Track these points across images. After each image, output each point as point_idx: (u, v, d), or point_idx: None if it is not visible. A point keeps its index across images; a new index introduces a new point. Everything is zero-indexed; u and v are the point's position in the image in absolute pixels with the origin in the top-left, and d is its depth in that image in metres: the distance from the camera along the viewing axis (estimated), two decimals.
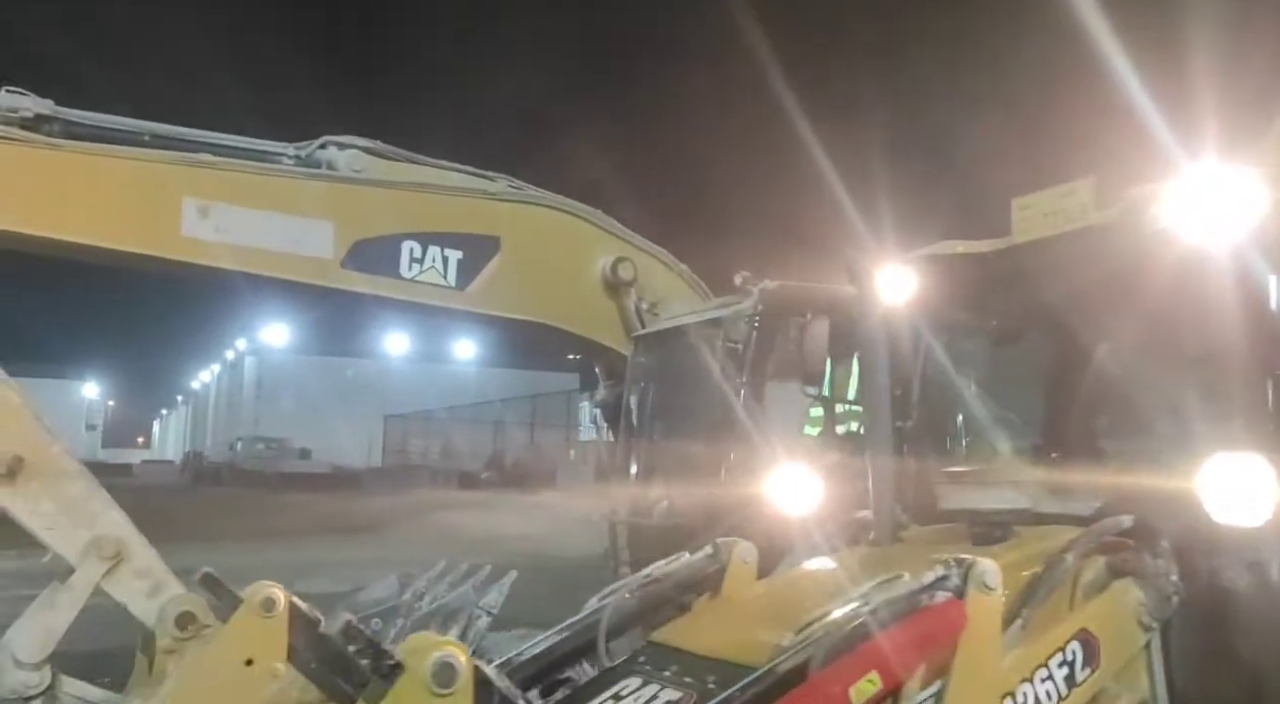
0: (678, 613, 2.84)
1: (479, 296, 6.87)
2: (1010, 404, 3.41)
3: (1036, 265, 3.06)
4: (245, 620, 2.44)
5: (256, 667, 2.44)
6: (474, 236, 6.83)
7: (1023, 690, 2.20)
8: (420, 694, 1.63)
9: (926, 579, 2.19)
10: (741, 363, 5.89)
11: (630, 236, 7.31)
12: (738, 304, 6.08)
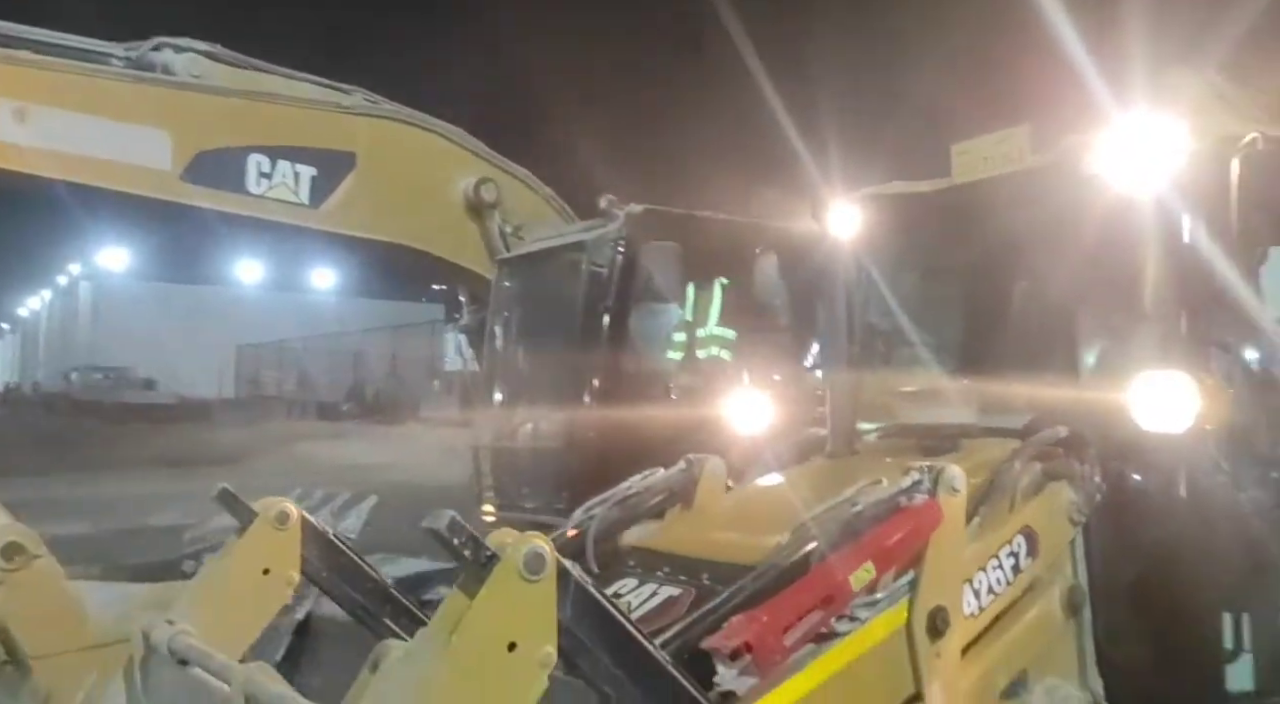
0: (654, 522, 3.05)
1: (334, 215, 6.71)
2: (953, 331, 3.75)
3: (974, 205, 3.36)
4: (261, 533, 2.50)
5: (273, 576, 2.50)
6: (327, 152, 6.62)
7: (979, 577, 2.52)
8: (513, 581, 1.76)
9: (905, 483, 2.46)
10: (606, 287, 5.94)
11: (494, 157, 7.21)
12: (603, 228, 6.11)
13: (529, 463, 6.40)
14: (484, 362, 7.30)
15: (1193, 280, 2.78)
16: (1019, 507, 2.64)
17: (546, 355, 6.62)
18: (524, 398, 6.75)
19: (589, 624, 1.86)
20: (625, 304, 6.03)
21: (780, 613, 2.19)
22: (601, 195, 6.33)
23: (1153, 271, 2.80)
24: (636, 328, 6.27)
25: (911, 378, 3.50)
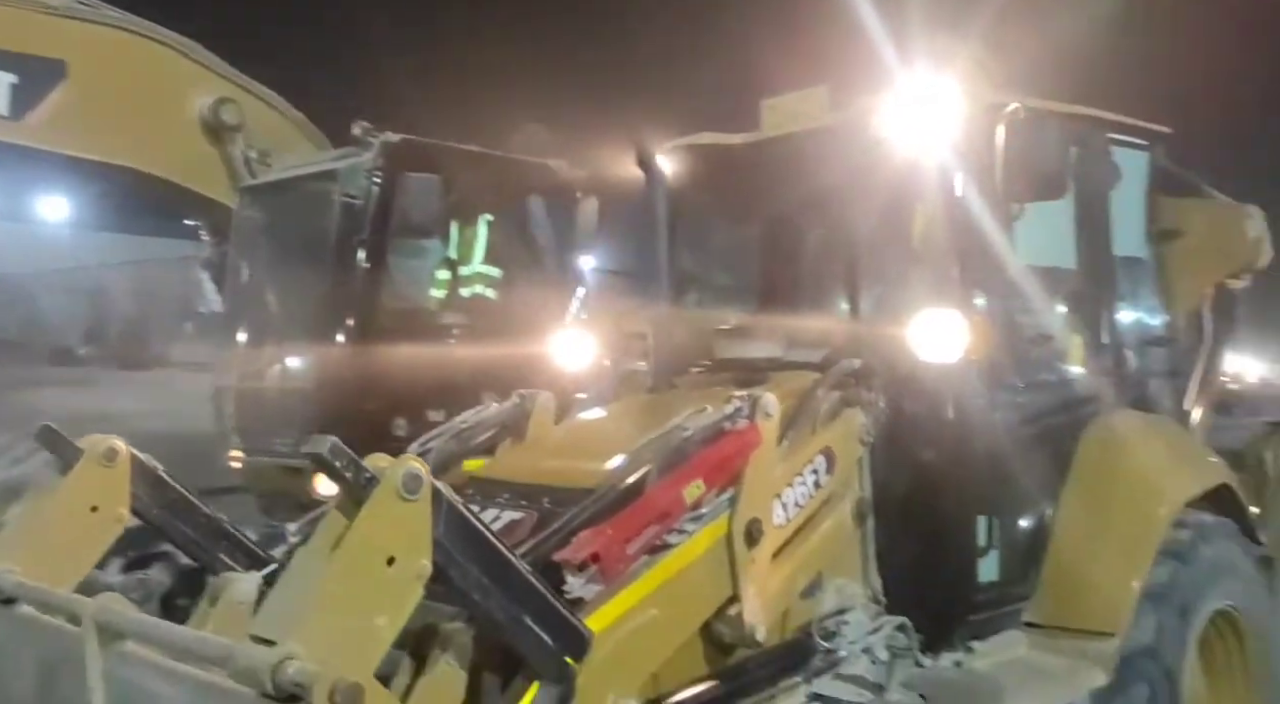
0: (486, 455, 3.18)
1: (40, 130, 6.12)
2: (761, 274, 4.07)
3: (779, 157, 3.67)
4: (87, 470, 2.41)
5: (101, 513, 2.42)
6: (32, 58, 6.04)
7: (786, 492, 2.84)
8: (392, 500, 1.85)
9: (727, 410, 2.73)
10: (360, 220, 5.67)
11: (236, 76, 6.64)
12: (356, 157, 5.80)
13: (277, 405, 5.96)
14: (226, 298, 6.83)
15: (962, 231, 3.21)
16: (819, 430, 2.98)
17: (295, 291, 6.19)
18: (271, 336, 6.29)
19: (459, 539, 1.98)
20: (382, 238, 5.71)
21: (623, 527, 2.40)
22: (356, 122, 5.92)
23: (929, 222, 3.21)
24: (394, 264, 5.99)
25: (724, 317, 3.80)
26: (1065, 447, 3.50)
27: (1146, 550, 3.36)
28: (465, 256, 6.19)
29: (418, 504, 1.89)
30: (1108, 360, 3.71)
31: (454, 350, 5.82)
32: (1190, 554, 3.44)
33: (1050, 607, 3.37)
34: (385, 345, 5.60)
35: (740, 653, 2.77)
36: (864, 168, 3.45)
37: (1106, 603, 3.29)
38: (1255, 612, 3.79)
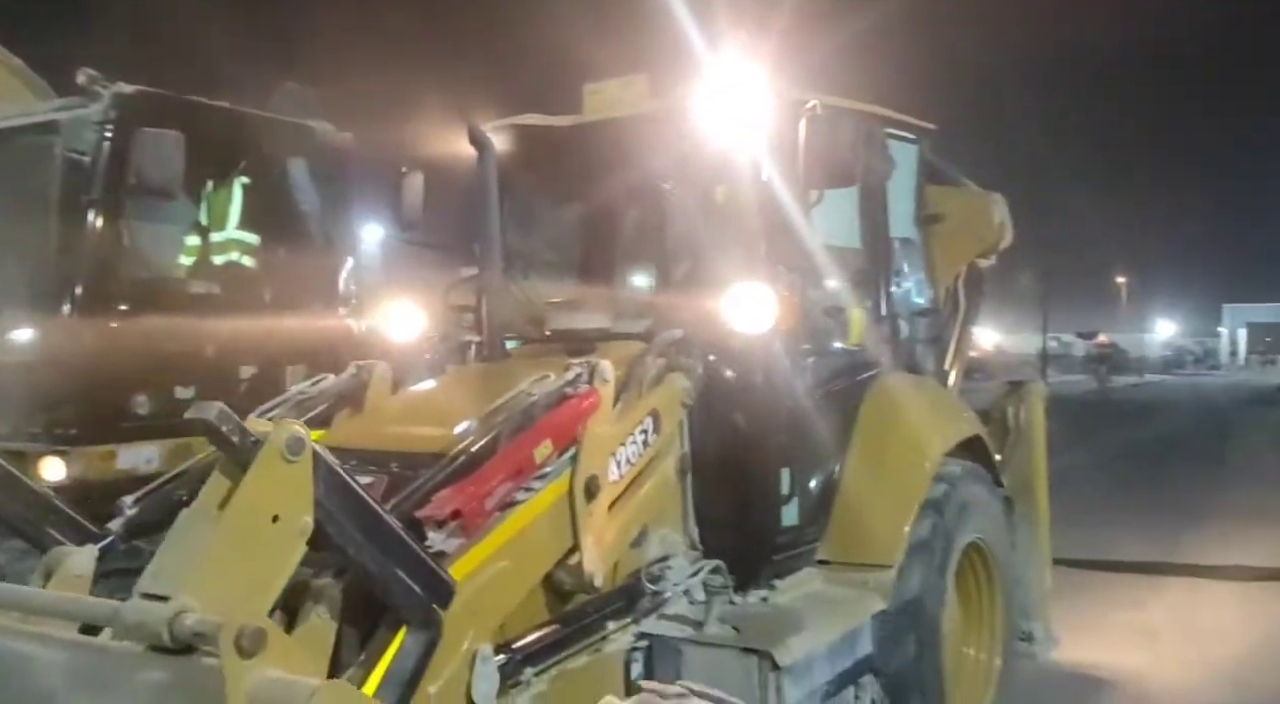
0: (322, 426, 3.24)
1: None
2: (588, 249, 4.29)
3: (602, 139, 3.91)
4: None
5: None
6: None
7: (620, 451, 3.12)
8: (276, 461, 1.94)
9: (569, 376, 2.97)
10: (89, 177, 5.21)
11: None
12: (83, 108, 5.32)
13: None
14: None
15: (769, 213, 3.59)
16: (646, 394, 3.27)
17: (13, 256, 5.59)
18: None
19: (337, 498, 2.11)
20: (115, 199, 5.23)
21: (480, 485, 2.60)
22: (81, 70, 5.28)
23: (739, 205, 3.57)
24: (134, 228, 5.54)
25: (555, 291, 4.01)
26: (851, 406, 3.99)
27: (916, 494, 3.91)
28: (218, 222, 5.87)
29: (300, 465, 2.01)
30: (886, 329, 4.24)
31: (205, 322, 5.51)
32: (949, 496, 4.03)
33: (838, 546, 3.86)
34: (122, 317, 5.24)
35: (578, 598, 3.03)
36: (680, 153, 3.76)
37: (884, 540, 3.81)
38: (999, 543, 4.48)
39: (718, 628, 3.31)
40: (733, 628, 3.33)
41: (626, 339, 3.61)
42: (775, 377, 3.59)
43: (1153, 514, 10.01)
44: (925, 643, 3.81)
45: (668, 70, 3.80)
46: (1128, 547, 8.33)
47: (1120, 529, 8.91)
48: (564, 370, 3.07)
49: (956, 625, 4.18)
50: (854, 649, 3.57)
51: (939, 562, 3.95)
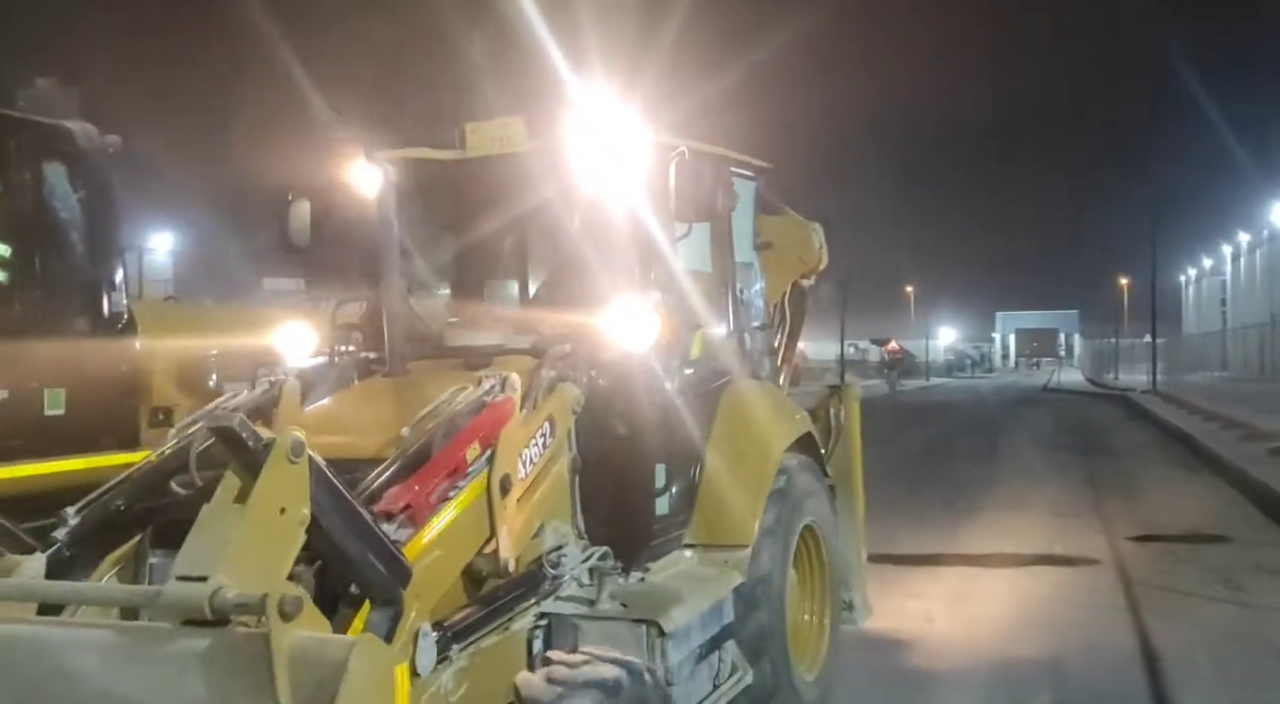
0: None
1: None
2: (480, 273, 4.70)
3: (484, 173, 4.39)
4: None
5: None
6: None
7: (525, 452, 3.61)
8: (283, 462, 2.33)
9: (485, 387, 3.45)
10: None
11: None
12: None
13: None
14: None
15: (643, 244, 4.19)
16: (543, 402, 3.78)
17: None
18: None
19: (326, 493, 2.53)
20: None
21: (425, 482, 3.05)
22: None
23: (617, 236, 4.14)
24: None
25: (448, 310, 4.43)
26: (709, 410, 4.65)
27: (764, 485, 4.62)
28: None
29: (300, 465, 2.42)
30: (734, 342, 4.93)
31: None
32: (789, 486, 4.76)
33: (702, 530, 4.50)
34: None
35: (490, 583, 3.50)
36: (561, 187, 4.30)
37: (739, 524, 4.48)
38: (826, 526, 5.27)
39: (609, 604, 3.86)
40: (621, 604, 3.88)
41: (517, 354, 4.11)
42: (650, 387, 4.18)
43: (934, 509, 10.92)
44: (773, 610, 4.51)
45: (544, 111, 4.33)
46: (911, 540, 9.11)
47: (905, 523, 9.61)
48: (474, 382, 3.54)
49: (795, 596, 4.92)
50: (720, 617, 4.21)
51: (783, 542, 4.67)
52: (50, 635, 2.35)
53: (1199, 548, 9.28)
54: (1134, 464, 16.29)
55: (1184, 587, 7.80)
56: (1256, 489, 11.93)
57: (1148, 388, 35.76)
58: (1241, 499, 12.12)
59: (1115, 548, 9.31)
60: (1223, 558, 8.84)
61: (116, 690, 2.23)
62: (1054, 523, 10.59)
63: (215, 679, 2.14)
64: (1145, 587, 7.80)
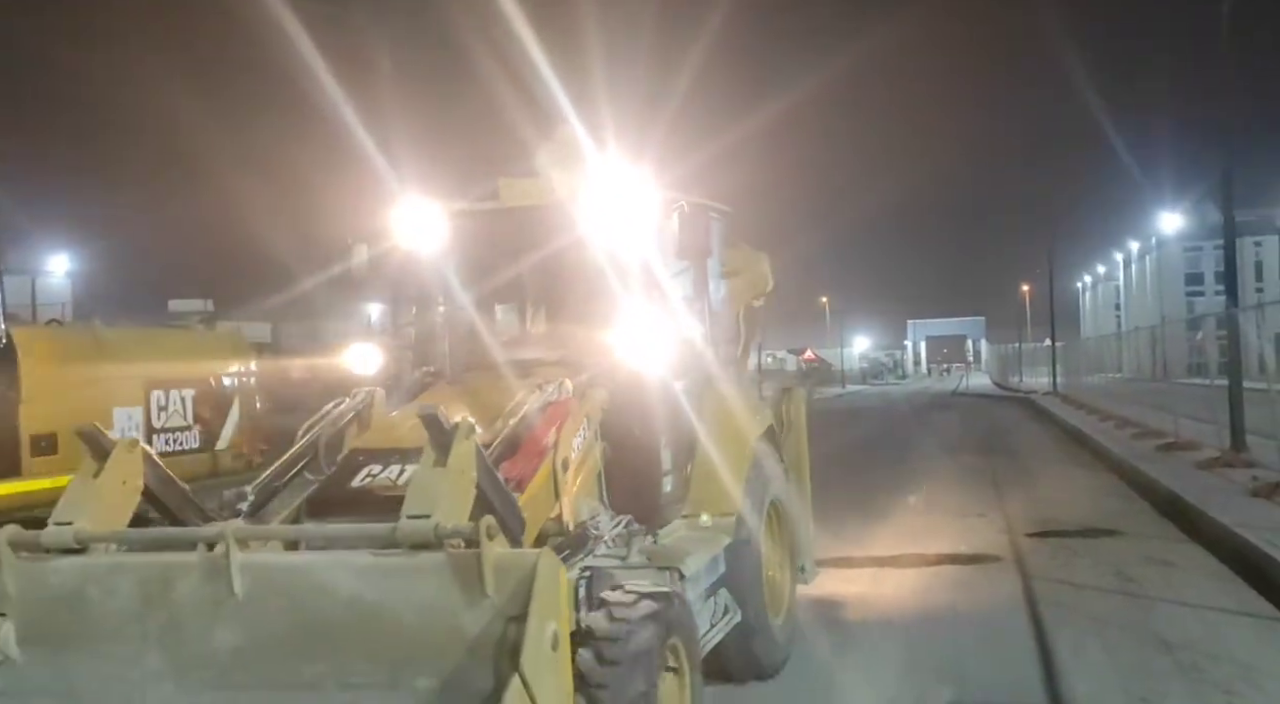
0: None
1: None
2: (521, 301, 5.95)
3: (515, 222, 5.64)
4: (120, 458, 3.92)
5: (127, 485, 3.82)
6: None
7: (575, 441, 4.85)
8: (464, 439, 3.59)
9: (549, 390, 4.69)
10: None
11: None
12: None
13: None
14: None
15: (649, 278, 5.49)
16: (584, 403, 5.04)
17: None
18: None
19: (481, 463, 3.76)
20: None
21: (527, 461, 4.28)
22: None
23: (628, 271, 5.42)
24: None
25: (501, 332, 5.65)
26: (697, 407, 5.96)
27: (742, 465, 5.96)
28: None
29: (472, 441, 3.65)
30: (712, 352, 6.26)
31: None
32: (759, 467, 6.11)
33: (696, 503, 5.80)
34: None
35: (551, 541, 4.73)
36: (579, 233, 5.56)
37: (726, 496, 5.80)
38: (786, 500, 6.65)
39: (638, 557, 5.12)
40: (646, 557, 5.15)
41: (552, 366, 5.37)
42: (656, 392, 5.47)
43: (847, 513, 10.98)
44: (753, 565, 5.85)
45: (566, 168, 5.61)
46: (823, 544, 8.95)
47: (817, 529, 9.59)
48: (536, 387, 4.79)
49: (767, 556, 6.27)
50: (717, 567, 5.53)
51: (758, 512, 6.01)
52: (313, 561, 3.53)
53: (1093, 542, 9.94)
54: (1035, 463, 17.35)
55: (1078, 580, 8.35)
56: (1147, 484, 12.97)
57: (1049, 390, 38.43)
58: (1133, 494, 13.10)
59: (1016, 545, 9.94)
60: (1115, 551, 9.50)
61: (367, 598, 3.43)
62: (959, 523, 11.22)
63: (441, 586, 3.36)
64: (1042, 581, 8.34)
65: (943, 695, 5.77)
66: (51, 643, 3.70)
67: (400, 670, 3.41)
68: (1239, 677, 5.87)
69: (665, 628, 4.15)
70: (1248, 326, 15.36)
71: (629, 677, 3.82)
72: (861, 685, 5.99)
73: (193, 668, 3.57)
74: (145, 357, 6.82)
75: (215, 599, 3.54)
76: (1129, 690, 5.73)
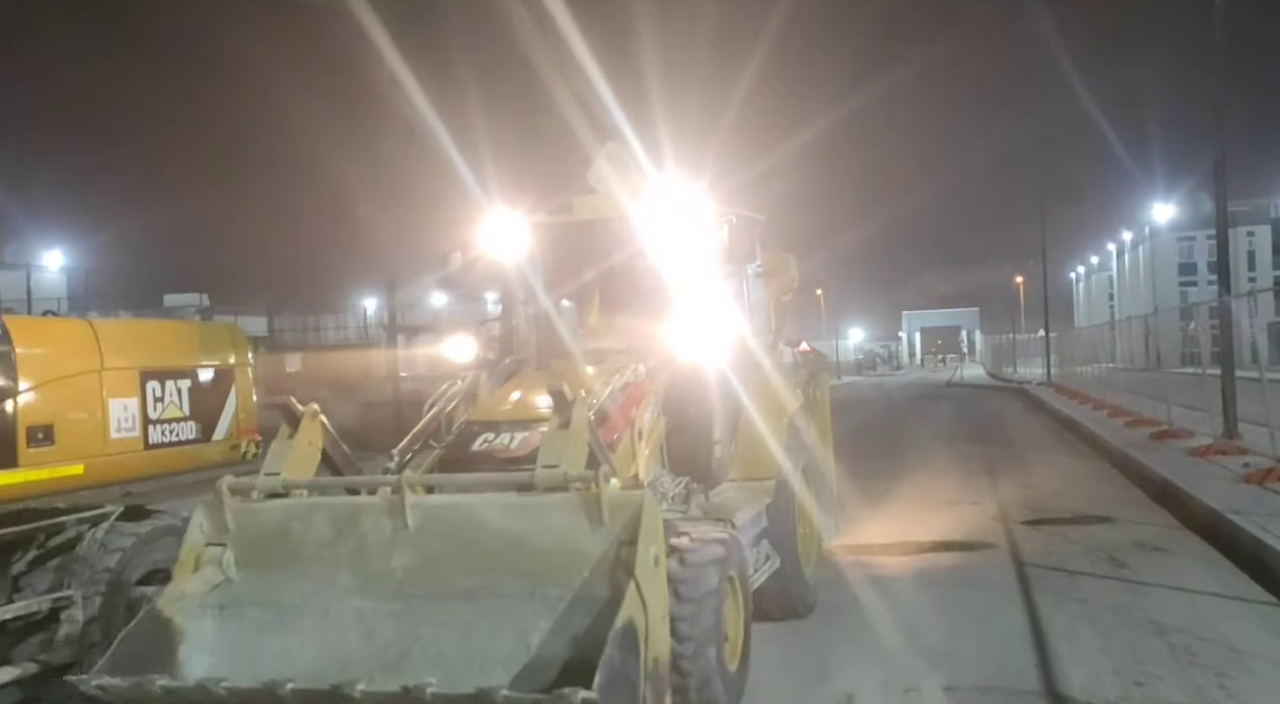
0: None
1: None
2: (597, 298, 7.14)
3: (587, 232, 6.80)
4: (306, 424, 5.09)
5: (312, 447, 5.18)
6: None
7: (645, 415, 6.06)
8: (580, 405, 4.78)
9: (629, 373, 5.86)
10: None
11: None
12: None
13: None
14: None
15: (701, 284, 6.65)
16: (651, 383, 6.20)
17: None
18: None
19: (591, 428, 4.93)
20: None
21: (614, 428, 5.45)
22: None
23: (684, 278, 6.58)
24: None
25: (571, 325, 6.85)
26: (743, 387, 7.12)
27: (782, 435, 7.14)
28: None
29: (585, 410, 4.83)
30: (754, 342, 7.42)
31: None
32: (795, 438, 7.29)
33: (742, 468, 6.99)
34: None
35: None
36: (643, 242, 6.71)
37: (768, 463, 6.99)
38: (813, 468, 7.86)
39: (696, 509, 6.27)
40: (704, 511, 6.31)
41: (620, 354, 6.53)
42: (709, 375, 6.63)
43: (842, 501, 10.60)
44: (790, 522, 7.03)
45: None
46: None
47: None
48: (615, 371, 5.94)
49: (801, 512, 7.44)
50: (761, 521, 6.70)
51: (796, 476, 7.19)
52: (470, 501, 4.70)
53: (1086, 529, 10.13)
54: (1030, 452, 17.67)
55: (1072, 566, 8.55)
56: (1140, 472, 13.31)
57: (1043, 380, 39.27)
58: (1125, 481, 13.42)
59: (1010, 532, 10.13)
60: (1108, 537, 9.67)
61: (512, 528, 4.59)
62: (954, 511, 11.41)
63: (569, 518, 4.53)
64: (1036, 568, 8.56)
65: (937, 680, 5.91)
66: (262, 566, 4.88)
67: (537, 583, 4.56)
68: (1231, 661, 6.04)
69: (726, 567, 5.28)
70: (1240, 315, 15.45)
71: (700, 612, 4.93)
72: (855, 671, 6.18)
73: (375, 583, 4.73)
74: (141, 348, 6.92)
75: (393, 530, 4.71)
76: (1122, 674, 5.87)
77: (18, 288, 42.10)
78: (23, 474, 5.98)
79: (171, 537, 6.09)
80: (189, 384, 7.02)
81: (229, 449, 7.38)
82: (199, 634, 4.73)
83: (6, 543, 5.69)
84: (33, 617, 5.64)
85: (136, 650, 4.52)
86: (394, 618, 4.65)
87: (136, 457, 6.74)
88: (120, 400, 6.58)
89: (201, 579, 4.84)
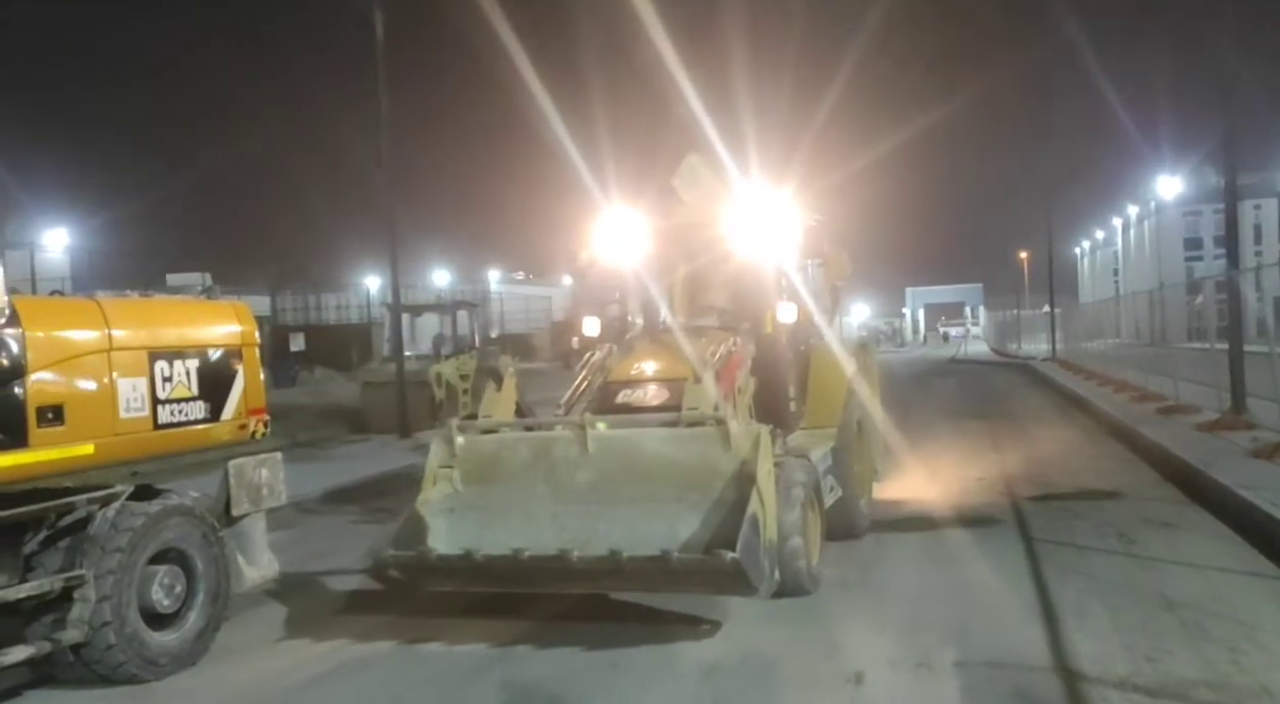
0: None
1: None
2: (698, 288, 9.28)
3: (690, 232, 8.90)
4: (508, 382, 7.34)
5: (506, 398, 7.51)
6: None
7: (740, 375, 8.20)
8: (709, 371, 6.99)
9: (730, 343, 8.00)
10: None
11: None
12: None
13: None
14: None
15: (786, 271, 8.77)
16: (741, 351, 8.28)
17: None
18: None
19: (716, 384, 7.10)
20: None
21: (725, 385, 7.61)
22: None
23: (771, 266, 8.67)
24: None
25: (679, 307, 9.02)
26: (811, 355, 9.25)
27: (841, 394, 9.31)
28: None
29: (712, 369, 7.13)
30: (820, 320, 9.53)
31: None
32: (851, 395, 9.43)
33: (810, 419, 9.14)
34: None
35: None
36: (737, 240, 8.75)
37: (830, 415, 9.17)
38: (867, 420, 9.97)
39: (780, 450, 8.28)
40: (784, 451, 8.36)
41: (716, 330, 8.62)
42: (790, 346, 8.74)
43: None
44: (849, 461, 9.17)
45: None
46: None
47: None
48: (718, 342, 8.04)
49: (857, 455, 9.56)
50: (826, 460, 8.78)
51: (852, 426, 9.34)
52: (634, 433, 6.88)
53: (1094, 504, 10.37)
54: (1035, 427, 17.99)
55: (1080, 541, 8.77)
56: (1147, 447, 13.75)
57: (1048, 356, 40.18)
58: (1133, 457, 13.77)
59: (1017, 507, 10.42)
60: (1116, 513, 9.90)
61: (663, 453, 6.77)
62: (960, 487, 11.72)
63: (706, 445, 6.71)
64: (1044, 543, 8.77)
65: (947, 656, 6.02)
66: (480, 481, 7.14)
67: (683, 490, 6.71)
68: (1242, 635, 6.13)
69: (808, 487, 7.46)
70: (1247, 289, 15.68)
71: (790, 511, 7.15)
72: (866, 646, 6.37)
73: (564, 493, 6.94)
74: (149, 328, 7.04)
75: (577, 454, 6.92)
76: (1133, 649, 5.95)
77: (21, 268, 43.15)
78: (33, 455, 6.06)
79: (180, 516, 6.55)
80: (197, 364, 7.15)
81: (237, 429, 7.47)
82: (437, 529, 6.92)
83: (18, 523, 5.90)
84: (45, 596, 5.87)
85: (408, 533, 6.81)
86: (577, 518, 6.81)
87: (146, 437, 6.77)
88: (129, 380, 6.66)
89: (438, 491, 7.06)
